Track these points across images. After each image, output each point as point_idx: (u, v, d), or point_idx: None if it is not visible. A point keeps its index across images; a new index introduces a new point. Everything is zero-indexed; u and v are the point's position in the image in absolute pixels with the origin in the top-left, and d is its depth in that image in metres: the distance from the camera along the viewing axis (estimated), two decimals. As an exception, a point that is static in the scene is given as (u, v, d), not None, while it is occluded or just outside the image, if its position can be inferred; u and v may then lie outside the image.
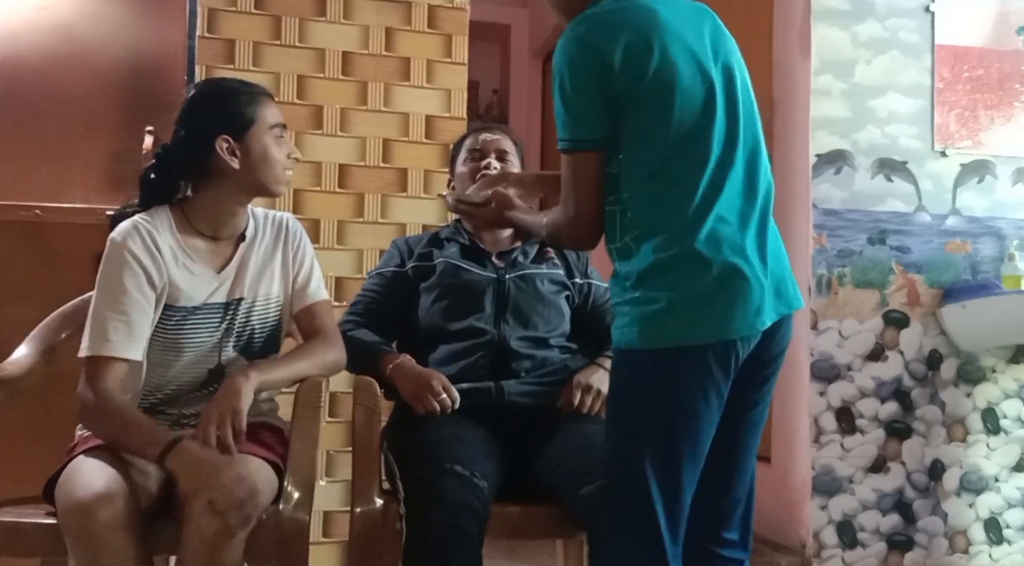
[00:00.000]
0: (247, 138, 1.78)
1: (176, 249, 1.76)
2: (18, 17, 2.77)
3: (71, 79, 2.80)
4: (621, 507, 1.53)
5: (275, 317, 1.87)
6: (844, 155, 3.08)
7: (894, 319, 3.08)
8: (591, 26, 1.51)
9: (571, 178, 1.54)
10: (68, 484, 1.57)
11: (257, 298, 1.83)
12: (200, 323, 1.77)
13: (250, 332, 1.83)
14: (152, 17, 2.84)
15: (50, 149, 2.78)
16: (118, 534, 1.51)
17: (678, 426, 1.49)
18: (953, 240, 3.15)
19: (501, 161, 2.15)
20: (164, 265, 1.73)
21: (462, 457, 1.72)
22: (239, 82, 1.88)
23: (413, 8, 2.87)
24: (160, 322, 1.74)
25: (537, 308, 2.06)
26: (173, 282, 1.73)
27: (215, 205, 1.80)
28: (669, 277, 1.47)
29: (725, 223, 1.49)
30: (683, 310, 1.46)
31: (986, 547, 3.10)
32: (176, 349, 1.76)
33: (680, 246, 1.47)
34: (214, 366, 1.80)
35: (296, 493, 1.76)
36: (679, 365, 1.48)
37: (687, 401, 1.48)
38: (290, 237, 1.90)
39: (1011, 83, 3.23)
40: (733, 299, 1.47)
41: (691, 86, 1.50)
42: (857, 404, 3.03)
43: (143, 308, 1.70)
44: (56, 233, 2.73)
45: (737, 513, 1.66)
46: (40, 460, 1.73)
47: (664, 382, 1.49)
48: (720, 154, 1.52)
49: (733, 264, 1.47)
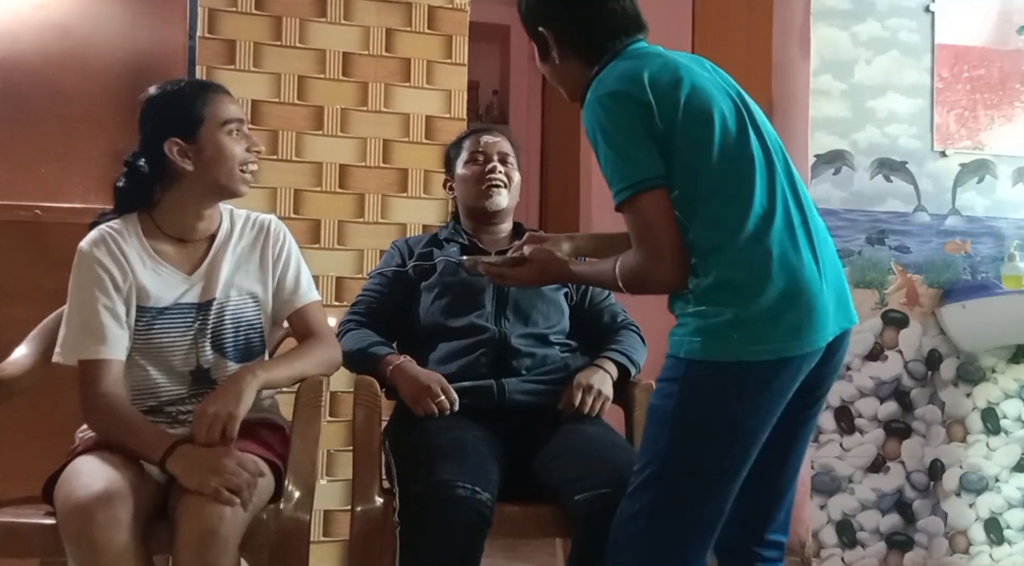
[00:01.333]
0: (198, 137, 1.76)
1: (143, 253, 1.77)
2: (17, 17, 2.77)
3: (71, 79, 2.80)
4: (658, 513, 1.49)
5: (253, 318, 1.85)
6: (843, 155, 3.08)
7: (893, 319, 3.08)
8: (612, 79, 1.53)
9: (642, 222, 1.50)
10: (67, 485, 1.57)
11: (230, 298, 1.82)
12: (170, 324, 1.77)
13: (225, 333, 1.81)
14: (152, 17, 2.84)
15: (50, 149, 2.78)
16: (117, 535, 1.50)
17: (729, 441, 1.48)
18: (953, 240, 3.15)
19: (503, 164, 2.15)
20: (130, 268, 1.74)
21: (464, 471, 1.71)
22: (189, 82, 1.88)
23: (413, 9, 2.87)
24: (135, 325, 1.75)
25: (537, 305, 2.06)
26: (140, 284, 1.74)
27: (179, 208, 1.81)
28: (734, 293, 1.46)
29: (784, 238, 1.48)
30: (748, 325, 1.45)
31: (986, 547, 3.10)
32: (151, 352, 1.76)
33: (744, 262, 1.47)
34: (194, 368, 1.79)
35: (296, 492, 1.77)
36: (739, 380, 1.46)
37: (741, 417, 1.47)
38: (271, 238, 1.88)
39: (1011, 83, 3.23)
40: (798, 316, 1.46)
41: (724, 109, 1.52)
42: (856, 404, 3.04)
43: (113, 311, 1.72)
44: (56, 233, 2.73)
45: (781, 515, 1.66)
46: (40, 460, 1.73)
47: (721, 396, 1.47)
48: (765, 171, 1.52)
49: (798, 280, 1.47)
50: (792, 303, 1.46)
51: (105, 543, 1.50)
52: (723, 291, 1.46)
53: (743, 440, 1.48)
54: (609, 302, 2.19)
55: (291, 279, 1.88)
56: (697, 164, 1.50)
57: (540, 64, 1.72)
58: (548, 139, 5.42)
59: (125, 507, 1.53)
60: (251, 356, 1.84)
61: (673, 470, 1.49)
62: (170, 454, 1.60)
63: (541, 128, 5.48)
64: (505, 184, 2.13)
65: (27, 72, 2.78)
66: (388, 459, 1.91)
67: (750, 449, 1.49)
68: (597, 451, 1.86)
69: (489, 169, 2.12)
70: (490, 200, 2.12)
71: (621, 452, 1.87)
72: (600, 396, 1.98)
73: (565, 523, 1.82)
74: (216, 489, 1.54)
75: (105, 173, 2.78)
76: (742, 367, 1.45)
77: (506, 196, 2.13)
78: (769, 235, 1.47)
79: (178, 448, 1.61)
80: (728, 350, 1.45)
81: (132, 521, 1.53)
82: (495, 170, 2.12)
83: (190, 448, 1.61)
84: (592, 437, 1.91)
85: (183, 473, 1.58)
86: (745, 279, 1.46)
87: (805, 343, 1.47)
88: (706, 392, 1.48)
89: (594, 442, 1.89)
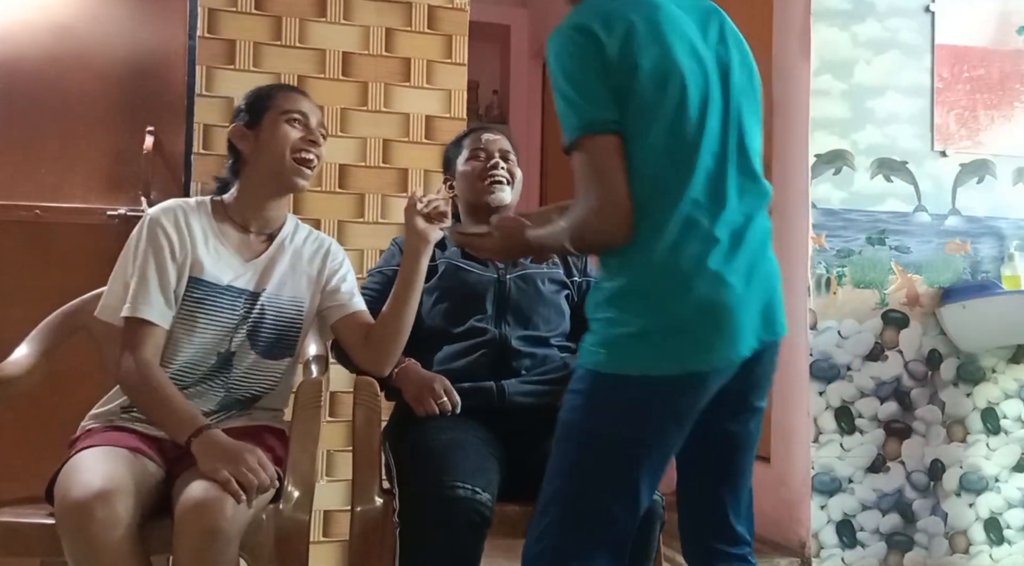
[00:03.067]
0: (260, 123, 1.85)
1: (208, 230, 1.84)
2: (18, 17, 2.77)
3: (71, 79, 2.80)
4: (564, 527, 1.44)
5: (294, 319, 1.90)
6: (844, 155, 3.08)
7: (894, 319, 3.08)
8: (590, 14, 1.42)
9: (589, 168, 1.39)
10: (66, 481, 1.58)
11: (280, 296, 1.88)
12: (219, 303, 1.82)
13: (263, 326, 1.86)
14: (152, 17, 2.84)
15: (50, 149, 2.78)
16: (115, 534, 1.51)
17: (635, 454, 1.42)
18: (953, 240, 3.15)
19: (505, 161, 2.14)
20: (190, 241, 1.80)
21: (463, 471, 1.71)
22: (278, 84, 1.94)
23: (413, 9, 2.87)
24: (184, 295, 1.80)
25: (537, 308, 2.06)
26: (197, 258, 1.80)
27: (244, 196, 1.88)
28: (644, 302, 1.39)
29: (713, 243, 1.39)
30: (655, 338, 1.38)
31: (986, 547, 3.10)
32: (192, 324, 1.80)
33: (659, 269, 1.39)
34: (224, 350, 1.83)
35: (296, 492, 1.77)
36: (643, 394, 1.39)
37: (647, 431, 1.41)
38: (330, 256, 1.96)
39: (1011, 83, 3.23)
40: (709, 330, 1.39)
41: (687, 88, 1.41)
42: (856, 404, 3.04)
43: (165, 280, 1.77)
44: (56, 233, 2.73)
45: (742, 510, 1.65)
46: (40, 460, 1.73)
47: (626, 410, 1.41)
48: (714, 163, 1.42)
49: (714, 291, 1.38)
50: (704, 317, 1.38)
51: (103, 541, 1.50)
52: (633, 298, 1.40)
53: (649, 453, 1.42)
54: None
55: (346, 291, 1.94)
56: (641, 135, 1.39)
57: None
58: (548, 139, 5.42)
59: (124, 505, 1.54)
60: (278, 354, 1.88)
61: (581, 484, 1.43)
62: (197, 436, 1.64)
63: (541, 128, 5.48)
64: (508, 180, 2.12)
65: (28, 72, 2.78)
66: (388, 459, 1.92)
67: (659, 462, 1.44)
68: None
69: (491, 165, 2.11)
70: (493, 196, 2.11)
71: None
72: (600, 396, 1.97)
73: (565, 523, 1.82)
74: (227, 479, 1.56)
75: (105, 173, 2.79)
76: (647, 381, 1.38)
77: (509, 192, 2.13)
78: (693, 239, 1.38)
79: (206, 431, 1.65)
80: (633, 364, 1.39)
81: (131, 520, 1.54)
82: (497, 166, 2.11)
83: (218, 434, 1.65)
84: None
85: (203, 455, 1.61)
86: (658, 288, 1.39)
87: (714, 358, 1.40)
88: (611, 405, 1.42)
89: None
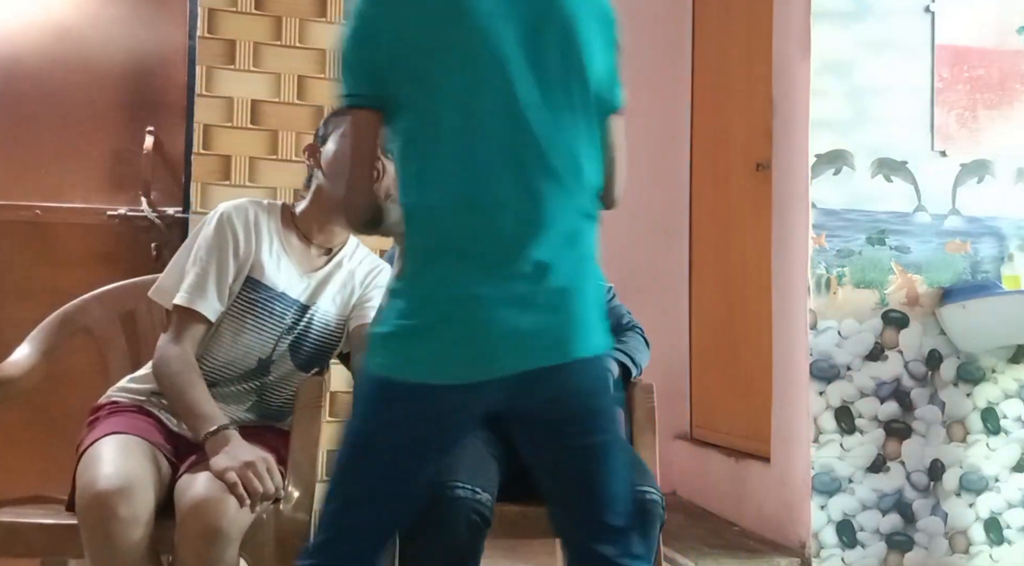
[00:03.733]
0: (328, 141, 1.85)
1: (274, 234, 1.88)
2: (18, 17, 2.77)
3: (71, 79, 2.80)
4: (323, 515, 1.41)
5: (335, 336, 1.93)
6: (843, 155, 3.08)
7: (893, 319, 3.08)
8: None
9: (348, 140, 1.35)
10: (90, 472, 1.59)
11: (329, 313, 1.91)
12: (272, 309, 1.85)
13: (308, 339, 1.89)
14: (152, 17, 2.84)
15: (50, 149, 2.78)
16: (136, 533, 1.53)
17: (369, 457, 1.36)
18: (953, 240, 3.15)
19: None
20: (255, 241, 1.84)
21: (463, 471, 1.70)
22: None
23: (413, 8, 2.87)
24: (239, 294, 1.82)
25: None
26: (259, 259, 1.83)
27: (312, 210, 1.92)
28: (402, 304, 1.33)
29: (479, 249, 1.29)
30: (401, 342, 1.32)
31: (986, 547, 3.10)
32: (241, 324, 1.83)
33: (415, 272, 1.32)
34: (265, 357, 1.86)
35: (296, 493, 1.77)
36: (385, 396, 1.35)
37: (381, 433, 1.35)
38: (371, 278, 1.97)
39: (1011, 83, 3.23)
40: (451, 345, 1.29)
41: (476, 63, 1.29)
42: (856, 404, 3.03)
43: (223, 277, 1.80)
44: (56, 233, 2.74)
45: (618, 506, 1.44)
46: (40, 460, 1.74)
47: (368, 409, 1.37)
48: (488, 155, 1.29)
49: (463, 304, 1.28)
50: (448, 330, 1.29)
51: (123, 540, 1.52)
52: (397, 298, 1.35)
53: (384, 456, 1.36)
54: (614, 304, 2.19)
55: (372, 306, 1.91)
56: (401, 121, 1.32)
57: None
58: (548, 139, 5.41)
59: (145, 505, 1.56)
60: (314, 366, 1.92)
61: (335, 476, 1.40)
62: (215, 434, 1.65)
63: (541, 128, 5.47)
64: None
65: (28, 72, 2.78)
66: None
67: (393, 466, 1.36)
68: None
69: None
70: None
71: (621, 452, 1.87)
72: (600, 395, 1.97)
73: (565, 523, 1.82)
74: (235, 482, 1.57)
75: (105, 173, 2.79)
76: (389, 384, 1.33)
77: None
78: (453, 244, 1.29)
79: (224, 431, 1.66)
80: (381, 364, 1.34)
81: (149, 519, 1.56)
82: None
83: (235, 436, 1.67)
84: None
85: (215, 453, 1.62)
86: (412, 291, 1.33)
87: (454, 374, 1.30)
88: (360, 401, 1.40)
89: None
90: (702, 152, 4.04)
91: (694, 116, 4.11)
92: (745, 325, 3.54)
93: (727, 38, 3.78)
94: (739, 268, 3.62)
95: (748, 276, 3.50)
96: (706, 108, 4.01)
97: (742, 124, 3.61)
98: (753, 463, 3.35)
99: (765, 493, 3.24)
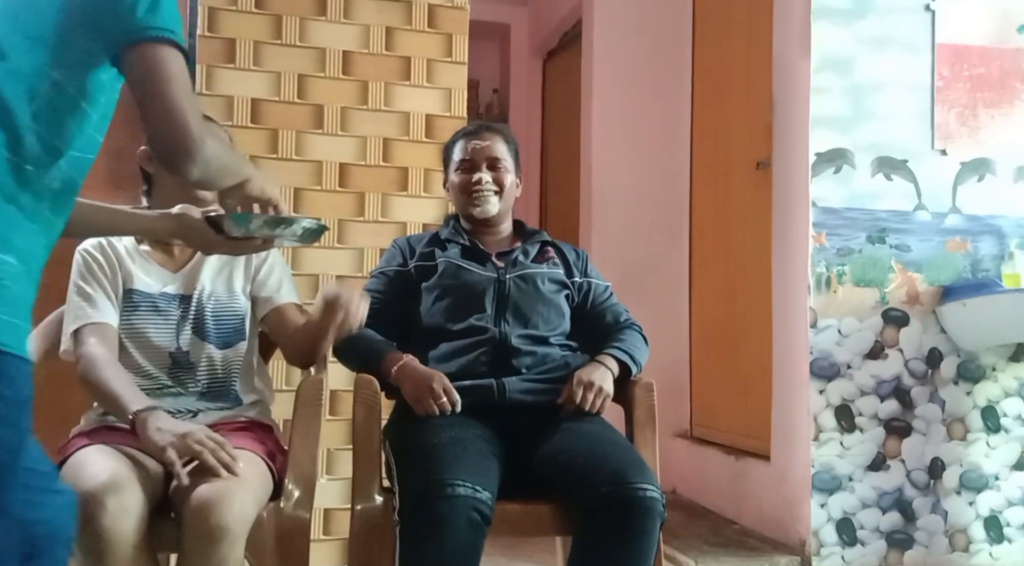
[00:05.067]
0: None
1: (132, 250, 1.94)
2: (18, 16, 2.77)
3: (71, 78, 2.80)
4: None
5: (234, 309, 1.96)
6: (844, 153, 3.08)
7: (894, 317, 3.08)
8: None
9: None
10: (72, 476, 1.59)
11: (217, 289, 1.95)
12: (157, 307, 1.90)
13: (205, 319, 1.92)
14: (152, 16, 2.84)
15: (50, 148, 2.78)
16: (127, 524, 1.53)
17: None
18: (953, 238, 3.15)
19: (492, 170, 2.14)
20: (116, 259, 1.91)
21: (464, 469, 1.71)
22: None
23: (413, 7, 2.87)
24: (125, 306, 1.89)
25: (537, 308, 2.07)
26: (127, 271, 1.90)
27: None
28: None
29: None
30: None
31: (986, 545, 3.10)
32: (134, 330, 1.88)
33: None
34: (175, 349, 1.89)
35: (297, 491, 1.77)
36: None
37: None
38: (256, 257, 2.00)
39: (1012, 81, 3.23)
40: None
41: None
42: (857, 402, 3.03)
43: (101, 286, 1.87)
44: (57, 232, 2.73)
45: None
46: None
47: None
48: None
49: None
50: None
51: (114, 532, 1.52)
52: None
53: None
54: (612, 302, 2.20)
55: (274, 281, 2.00)
56: None
57: None
58: (548, 138, 5.42)
59: (133, 497, 1.56)
60: (234, 341, 1.94)
61: None
62: (140, 413, 1.67)
63: (541, 127, 5.48)
64: (496, 191, 2.13)
65: (27, 71, 2.78)
66: (388, 457, 1.92)
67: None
68: (597, 449, 1.86)
69: (475, 181, 2.12)
70: (477, 208, 2.13)
71: (620, 450, 1.87)
72: (600, 392, 1.98)
73: (565, 521, 1.83)
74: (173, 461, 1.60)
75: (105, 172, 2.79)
76: None
77: (495, 203, 2.13)
78: None
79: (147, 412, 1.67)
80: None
81: (140, 511, 1.56)
82: (480, 181, 2.12)
83: (161, 415, 1.68)
84: (592, 435, 1.91)
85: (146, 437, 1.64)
86: None
87: None
88: None
89: (594, 440, 1.90)
90: (702, 150, 4.04)
91: (694, 114, 4.11)
92: (745, 323, 3.54)
93: (727, 36, 3.78)
94: (739, 266, 3.62)
95: (748, 274, 3.50)
96: (706, 106, 4.01)
97: (742, 122, 3.62)
98: (753, 461, 3.36)
99: (765, 491, 3.24)
